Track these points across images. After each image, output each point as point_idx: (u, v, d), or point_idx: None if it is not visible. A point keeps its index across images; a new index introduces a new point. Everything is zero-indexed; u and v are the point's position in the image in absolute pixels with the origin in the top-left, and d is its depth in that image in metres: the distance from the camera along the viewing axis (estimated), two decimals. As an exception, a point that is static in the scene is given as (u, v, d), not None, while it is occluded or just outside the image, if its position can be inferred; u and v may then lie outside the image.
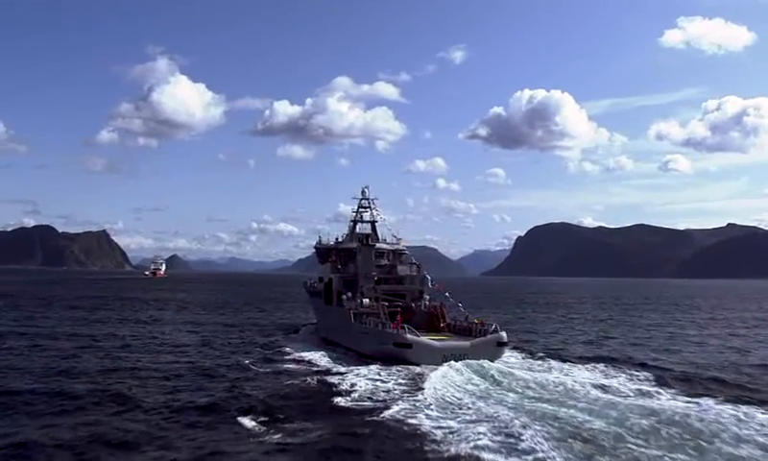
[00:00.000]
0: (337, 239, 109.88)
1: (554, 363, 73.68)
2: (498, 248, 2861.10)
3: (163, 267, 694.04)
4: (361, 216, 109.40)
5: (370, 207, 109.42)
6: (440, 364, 67.60)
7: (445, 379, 60.59)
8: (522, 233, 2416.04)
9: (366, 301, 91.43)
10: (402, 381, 61.75)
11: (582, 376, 65.03)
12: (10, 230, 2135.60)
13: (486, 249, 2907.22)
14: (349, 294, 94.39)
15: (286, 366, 71.80)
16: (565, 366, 71.96)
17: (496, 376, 62.38)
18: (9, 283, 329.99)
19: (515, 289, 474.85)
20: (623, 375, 65.78)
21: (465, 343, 72.64)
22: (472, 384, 59.90)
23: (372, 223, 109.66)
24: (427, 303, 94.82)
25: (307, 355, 77.38)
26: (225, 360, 75.48)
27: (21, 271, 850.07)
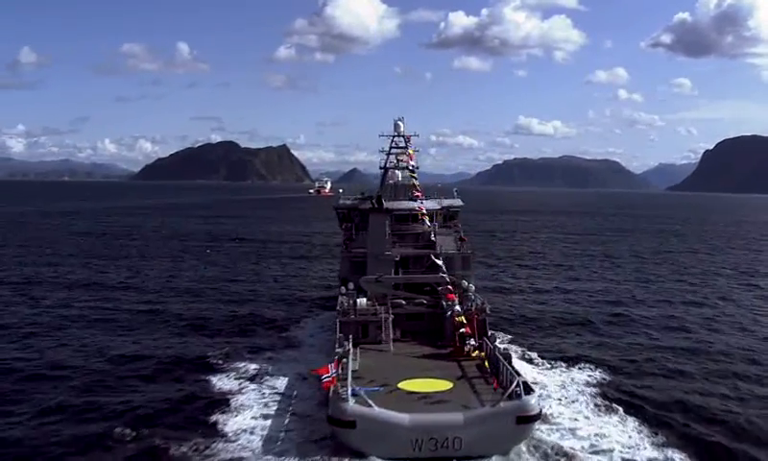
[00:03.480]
0: (363, 194, 79.00)
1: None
2: (684, 161, 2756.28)
3: (328, 185, 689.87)
4: (397, 161, 77.29)
5: (406, 148, 77.28)
6: (409, 454, 39.77)
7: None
8: (710, 147, 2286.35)
9: (362, 301, 61.56)
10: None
11: None
12: (197, 146, 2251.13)
13: (671, 162, 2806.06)
14: (351, 285, 64.27)
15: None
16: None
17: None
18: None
19: (700, 212, 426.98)
20: None
21: (456, 417, 41.18)
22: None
23: (411, 170, 77.19)
24: (472, 295, 63.25)
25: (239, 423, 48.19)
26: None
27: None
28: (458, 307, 56.95)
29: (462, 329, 55.19)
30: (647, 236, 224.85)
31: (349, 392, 41.53)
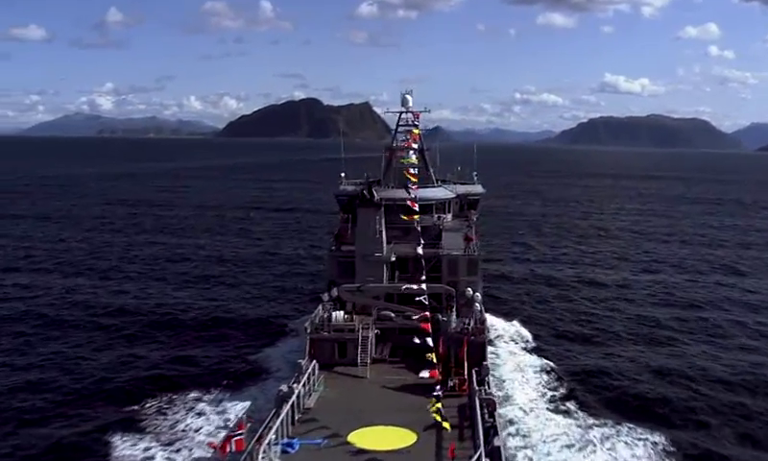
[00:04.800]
0: (368, 178, 68.82)
1: None
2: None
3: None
4: (406, 138, 66.66)
5: (416, 126, 66.61)
6: None
7: None
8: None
9: (339, 314, 52.94)
10: None
11: None
12: (281, 103, 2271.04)
13: (764, 122, 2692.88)
14: (335, 292, 55.51)
15: None
16: None
17: None
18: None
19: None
20: None
21: None
22: None
23: (421, 151, 67.17)
24: (478, 306, 53.57)
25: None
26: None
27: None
28: (429, 340, 45.11)
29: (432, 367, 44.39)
30: (731, 208, 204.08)
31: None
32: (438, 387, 41.46)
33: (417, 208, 56.62)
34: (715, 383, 55.90)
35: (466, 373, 46.53)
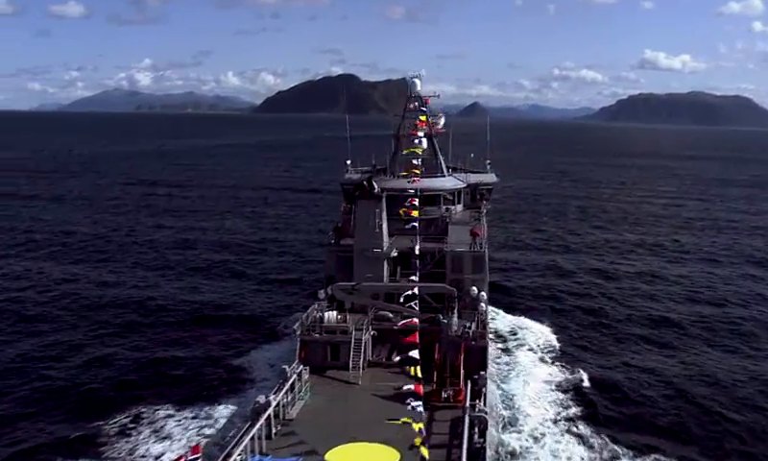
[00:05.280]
0: (374, 166, 64.15)
1: None
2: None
3: (442, 121, 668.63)
4: (414, 126, 61.69)
5: (424, 112, 61.77)
6: None
7: None
8: None
9: (331, 315, 48.94)
10: None
11: None
12: (318, 78, 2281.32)
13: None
14: (329, 289, 51.72)
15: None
16: None
17: None
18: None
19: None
20: None
21: None
22: None
23: (429, 138, 63.22)
24: (483, 306, 49.77)
25: None
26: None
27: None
28: (415, 353, 37.69)
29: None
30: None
31: None
32: (418, 402, 35.96)
33: (416, 204, 51.84)
34: (745, 405, 50.03)
35: (462, 382, 41.90)
